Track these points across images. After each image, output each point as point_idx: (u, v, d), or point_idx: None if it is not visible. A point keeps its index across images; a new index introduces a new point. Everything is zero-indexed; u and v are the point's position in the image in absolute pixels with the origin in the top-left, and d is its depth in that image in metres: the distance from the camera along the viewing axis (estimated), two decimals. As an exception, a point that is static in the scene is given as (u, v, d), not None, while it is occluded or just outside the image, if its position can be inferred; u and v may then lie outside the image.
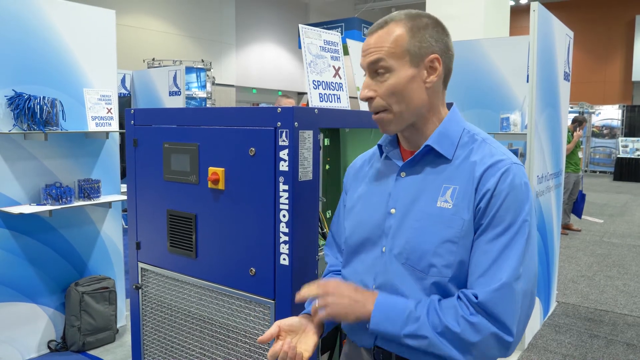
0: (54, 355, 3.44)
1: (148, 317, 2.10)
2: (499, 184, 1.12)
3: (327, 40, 2.12)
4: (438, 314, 1.11)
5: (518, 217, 1.11)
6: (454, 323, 1.09)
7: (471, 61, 4.70)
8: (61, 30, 3.41)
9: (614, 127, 17.07)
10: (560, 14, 4.65)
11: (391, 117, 1.20)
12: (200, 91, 10.22)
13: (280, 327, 1.22)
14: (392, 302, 1.16)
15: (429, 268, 1.15)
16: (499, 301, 1.08)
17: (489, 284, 1.09)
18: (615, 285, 5.22)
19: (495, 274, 1.09)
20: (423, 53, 1.18)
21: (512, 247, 1.10)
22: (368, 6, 17.50)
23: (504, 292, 1.08)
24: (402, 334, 1.13)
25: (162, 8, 13.34)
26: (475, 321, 1.08)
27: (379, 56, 1.17)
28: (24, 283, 3.31)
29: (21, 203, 3.27)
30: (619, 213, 9.48)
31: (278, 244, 1.64)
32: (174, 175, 1.91)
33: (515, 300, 1.09)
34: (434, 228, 1.15)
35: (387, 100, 1.18)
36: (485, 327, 1.08)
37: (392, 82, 1.17)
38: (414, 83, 1.18)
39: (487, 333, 1.08)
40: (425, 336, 1.11)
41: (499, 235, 1.11)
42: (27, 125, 3.17)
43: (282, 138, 1.60)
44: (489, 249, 1.11)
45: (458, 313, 1.10)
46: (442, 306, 1.12)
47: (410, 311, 1.13)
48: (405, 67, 1.17)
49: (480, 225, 1.13)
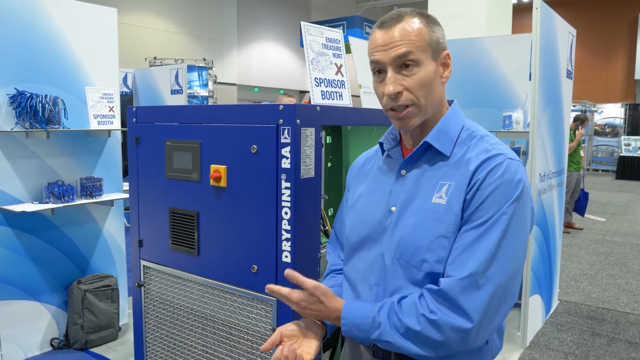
0: (57, 353, 3.45)
1: (150, 315, 2.10)
2: (488, 177, 1.11)
3: (329, 37, 2.12)
4: (398, 315, 1.12)
5: (498, 211, 1.09)
6: (415, 322, 1.10)
7: (473, 59, 4.69)
8: (63, 28, 3.41)
9: (616, 126, 17.03)
10: (562, 12, 4.64)
11: (417, 111, 1.18)
12: (202, 90, 10.23)
13: (282, 333, 1.22)
14: (357, 309, 1.18)
15: (421, 263, 1.14)
16: (462, 290, 1.07)
17: (455, 274, 1.08)
18: (618, 284, 5.22)
19: (464, 264, 1.08)
20: (440, 48, 1.18)
21: (484, 238, 1.08)
22: (370, 4, 17.48)
23: (469, 281, 1.07)
24: (371, 339, 1.15)
25: (164, 6, 13.35)
26: (435, 318, 1.08)
27: (408, 49, 1.14)
28: (27, 281, 3.32)
29: (24, 201, 3.27)
30: (621, 212, 9.46)
31: (280, 241, 1.64)
32: (176, 173, 1.92)
33: (480, 292, 1.07)
34: (427, 224, 1.15)
35: (416, 94, 1.16)
36: (445, 322, 1.07)
37: (422, 74, 1.15)
38: (436, 77, 1.18)
39: (447, 328, 1.07)
40: (388, 341, 1.12)
41: (476, 227, 1.10)
42: (29, 124, 3.18)
43: (284, 135, 1.60)
44: (463, 239, 1.10)
45: (418, 311, 1.10)
46: (402, 306, 1.13)
47: (373, 317, 1.15)
48: (429, 61, 1.16)
49: (464, 217, 1.12)
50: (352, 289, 1.30)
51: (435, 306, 1.09)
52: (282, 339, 1.21)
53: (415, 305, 1.11)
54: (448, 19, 6.31)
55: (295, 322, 1.26)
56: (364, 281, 1.26)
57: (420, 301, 1.11)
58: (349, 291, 1.31)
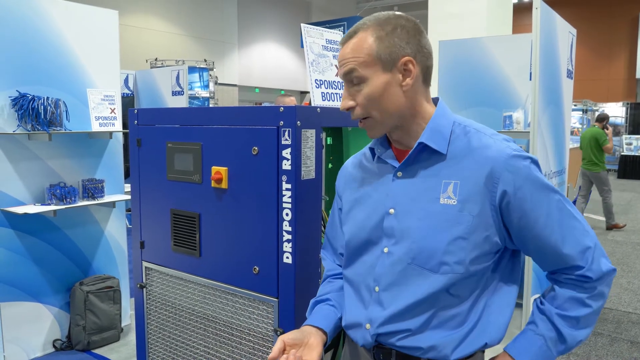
0: (59, 354, 3.46)
1: (152, 316, 2.11)
2: (516, 179, 1.14)
3: (329, 39, 2.13)
4: (563, 316, 1.19)
5: (548, 191, 1.16)
6: (583, 309, 1.18)
7: (474, 59, 4.69)
8: (64, 31, 3.43)
9: (618, 125, 17.01)
10: (564, 11, 4.64)
11: (373, 122, 1.22)
12: (203, 91, 10.24)
13: (285, 342, 1.22)
14: (522, 349, 1.21)
15: (439, 266, 1.15)
16: (597, 263, 1.17)
17: (586, 259, 1.17)
18: (620, 283, 5.21)
19: (578, 245, 1.17)
20: (394, 57, 1.17)
21: (566, 213, 1.17)
22: (370, 5, 17.48)
23: (593, 252, 1.17)
24: (559, 354, 1.22)
25: (165, 8, 13.37)
26: (596, 292, 1.18)
27: (352, 67, 1.18)
28: (29, 283, 3.33)
29: (26, 203, 3.28)
30: (623, 211, 9.45)
31: (281, 242, 1.65)
32: (178, 175, 1.92)
33: (600, 249, 1.19)
34: (441, 226, 1.15)
35: (366, 108, 1.20)
36: (602, 285, 1.18)
37: (367, 90, 1.18)
38: (390, 88, 1.18)
39: (606, 290, 1.19)
40: (580, 340, 1.20)
41: (548, 217, 1.16)
42: (31, 126, 3.19)
43: (285, 137, 1.61)
44: (550, 230, 1.16)
45: (578, 298, 1.18)
46: (561, 309, 1.19)
47: (541, 343, 1.20)
48: (377, 74, 1.17)
49: (514, 219, 1.16)
50: (355, 292, 1.31)
51: (582, 289, 1.18)
52: (284, 347, 1.21)
53: (569, 297, 1.19)
54: (448, 18, 6.32)
55: (296, 331, 1.26)
56: (366, 284, 1.27)
57: (567, 290, 1.19)
58: (352, 294, 1.32)
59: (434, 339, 1.17)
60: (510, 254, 1.24)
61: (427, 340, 1.18)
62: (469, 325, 1.18)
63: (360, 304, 1.28)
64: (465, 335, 1.18)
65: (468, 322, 1.18)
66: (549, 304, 1.21)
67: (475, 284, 1.18)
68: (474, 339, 1.18)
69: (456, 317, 1.18)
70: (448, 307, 1.17)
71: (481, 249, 1.15)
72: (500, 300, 1.21)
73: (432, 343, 1.17)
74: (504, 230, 1.17)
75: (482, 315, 1.19)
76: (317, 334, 1.26)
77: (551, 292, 1.22)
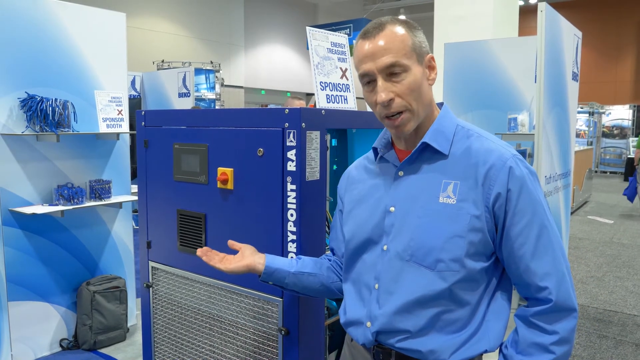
0: (66, 353, 3.49)
1: (158, 315, 2.13)
2: (510, 182, 1.15)
3: (334, 42, 2.14)
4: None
5: (537, 206, 1.16)
6: (548, 355, 1.15)
7: (479, 62, 4.70)
8: (72, 33, 3.46)
9: (624, 127, 16.91)
10: (570, 14, 4.64)
11: (410, 115, 1.20)
12: (209, 92, 10.27)
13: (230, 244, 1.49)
14: None
15: (436, 263, 1.16)
16: (565, 292, 1.15)
17: (551, 280, 1.15)
18: (625, 286, 5.19)
19: (547, 265, 1.16)
20: (424, 52, 1.21)
21: (546, 233, 1.17)
22: (377, 7, 17.48)
23: (562, 280, 1.16)
24: None
25: (172, 10, 13.43)
26: (559, 338, 1.15)
27: (395, 56, 1.17)
28: (37, 282, 3.36)
29: (34, 203, 3.32)
30: (629, 214, 9.40)
31: (286, 243, 1.67)
32: (184, 176, 1.95)
33: (571, 282, 1.18)
34: (439, 224, 1.16)
35: (407, 99, 1.18)
36: (565, 330, 1.15)
37: (411, 79, 1.18)
38: (424, 80, 1.21)
39: (570, 335, 1.16)
40: None
41: (527, 227, 1.16)
42: (39, 127, 3.23)
43: (290, 139, 1.63)
44: (524, 239, 1.16)
45: (544, 345, 1.15)
46: (524, 354, 1.17)
47: None
48: (415, 66, 1.19)
49: (499, 225, 1.17)
50: (356, 291, 1.32)
51: (550, 326, 1.15)
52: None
53: (532, 343, 1.16)
54: (455, 20, 6.32)
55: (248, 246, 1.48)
56: (366, 282, 1.28)
57: (530, 333, 1.17)
58: (352, 293, 1.33)
59: (434, 343, 1.18)
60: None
61: (426, 343, 1.19)
62: (469, 330, 1.19)
63: (360, 302, 1.29)
64: (465, 340, 1.18)
65: (469, 327, 1.19)
66: (512, 349, 1.20)
67: (476, 289, 1.19)
68: (474, 344, 1.19)
69: (457, 322, 1.18)
70: (449, 312, 1.18)
71: (476, 248, 1.16)
72: (499, 306, 1.22)
73: (431, 347, 1.18)
74: (494, 232, 1.18)
75: (484, 321, 1.20)
76: (259, 255, 1.42)
77: (515, 337, 1.20)
